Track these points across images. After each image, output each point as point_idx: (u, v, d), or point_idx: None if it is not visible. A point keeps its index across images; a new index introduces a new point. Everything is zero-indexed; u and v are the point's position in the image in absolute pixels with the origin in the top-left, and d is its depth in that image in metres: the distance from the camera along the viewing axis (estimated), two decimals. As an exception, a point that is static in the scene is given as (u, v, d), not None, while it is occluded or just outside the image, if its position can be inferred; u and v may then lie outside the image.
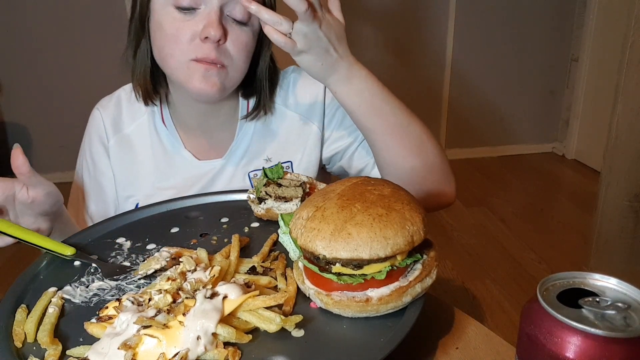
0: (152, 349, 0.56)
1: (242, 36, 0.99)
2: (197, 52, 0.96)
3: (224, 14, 0.97)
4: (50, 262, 0.76)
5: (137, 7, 1.02)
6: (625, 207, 2.26)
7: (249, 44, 1.01)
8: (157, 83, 1.10)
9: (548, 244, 3.07)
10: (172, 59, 0.99)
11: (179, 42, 0.96)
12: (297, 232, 0.64)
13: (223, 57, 0.98)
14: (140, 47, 1.06)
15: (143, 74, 1.07)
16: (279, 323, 0.58)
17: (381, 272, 0.61)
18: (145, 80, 1.08)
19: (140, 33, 1.04)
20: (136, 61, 1.07)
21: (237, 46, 0.99)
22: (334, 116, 1.15)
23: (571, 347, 0.45)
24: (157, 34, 0.99)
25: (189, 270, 0.68)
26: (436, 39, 4.11)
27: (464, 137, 4.42)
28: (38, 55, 3.76)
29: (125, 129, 1.16)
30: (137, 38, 1.05)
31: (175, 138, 1.14)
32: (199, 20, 0.95)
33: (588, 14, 3.99)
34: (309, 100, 1.16)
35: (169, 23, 0.97)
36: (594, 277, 0.51)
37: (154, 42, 1.02)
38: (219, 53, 0.96)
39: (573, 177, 4.10)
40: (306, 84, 1.16)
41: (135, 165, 1.15)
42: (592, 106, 4.09)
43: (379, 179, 0.70)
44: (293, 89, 1.17)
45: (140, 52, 1.06)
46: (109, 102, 1.19)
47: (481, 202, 3.61)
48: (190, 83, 0.98)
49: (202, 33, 0.95)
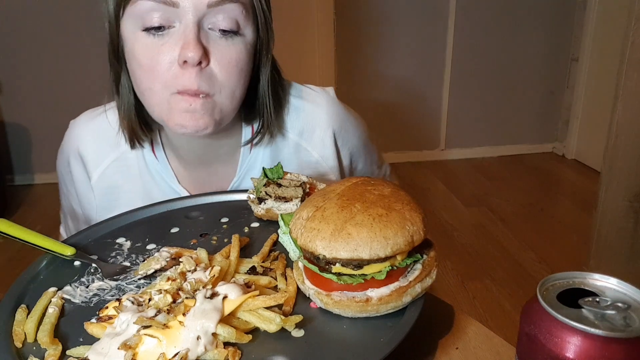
0: (152, 349, 0.56)
1: (230, 52, 0.84)
2: (176, 84, 0.82)
3: (203, 29, 0.82)
4: (50, 262, 0.76)
5: (108, 37, 0.89)
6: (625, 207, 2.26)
7: (240, 60, 0.86)
8: (145, 120, 0.96)
9: (548, 244, 3.07)
10: (151, 94, 0.85)
11: (156, 73, 0.82)
12: (297, 232, 0.64)
13: (206, 85, 0.83)
14: (121, 82, 0.92)
15: (127, 113, 0.93)
16: (279, 323, 0.58)
17: (381, 272, 0.61)
18: (130, 119, 0.93)
19: (116, 67, 0.91)
20: (119, 99, 0.94)
21: (225, 66, 0.84)
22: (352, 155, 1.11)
23: (571, 347, 0.45)
24: (133, 66, 0.86)
25: (189, 270, 0.68)
26: (436, 39, 4.11)
27: (464, 137, 4.42)
28: (38, 55, 3.76)
29: (108, 158, 1.01)
30: (115, 72, 0.92)
31: (167, 172, 1.00)
32: (175, 42, 0.81)
33: (588, 14, 3.99)
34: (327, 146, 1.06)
35: (141, 51, 0.83)
36: (594, 277, 0.51)
37: (131, 75, 0.88)
38: (203, 80, 0.82)
39: (573, 177, 4.11)
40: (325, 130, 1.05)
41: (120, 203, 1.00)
42: (592, 106, 4.09)
43: (379, 179, 0.70)
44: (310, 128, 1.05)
45: (122, 87, 0.92)
46: (90, 124, 1.02)
47: (481, 202, 3.61)
48: (170, 120, 0.85)
49: (179, 57, 0.80)
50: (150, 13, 0.80)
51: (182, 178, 1.02)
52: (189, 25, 0.80)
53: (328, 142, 1.06)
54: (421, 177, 4.03)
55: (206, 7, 0.80)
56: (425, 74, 4.20)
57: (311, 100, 1.06)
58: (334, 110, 1.07)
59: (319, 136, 1.06)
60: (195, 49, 0.79)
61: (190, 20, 0.80)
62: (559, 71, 4.32)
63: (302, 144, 1.05)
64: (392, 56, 4.11)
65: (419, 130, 4.31)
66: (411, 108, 4.22)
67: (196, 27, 0.81)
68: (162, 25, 0.81)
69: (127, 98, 0.93)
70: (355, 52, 3.98)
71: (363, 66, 4.06)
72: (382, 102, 4.11)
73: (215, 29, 0.83)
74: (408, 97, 4.21)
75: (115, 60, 0.90)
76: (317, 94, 1.08)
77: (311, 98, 1.07)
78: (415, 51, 4.13)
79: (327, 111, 1.06)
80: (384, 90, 4.14)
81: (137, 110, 0.94)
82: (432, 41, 4.12)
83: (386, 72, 4.13)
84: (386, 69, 4.12)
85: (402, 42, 4.08)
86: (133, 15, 0.82)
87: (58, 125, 1.03)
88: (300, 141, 1.05)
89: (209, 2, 0.80)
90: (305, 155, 1.06)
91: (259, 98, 0.96)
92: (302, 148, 1.05)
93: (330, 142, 1.06)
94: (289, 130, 1.04)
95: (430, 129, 4.35)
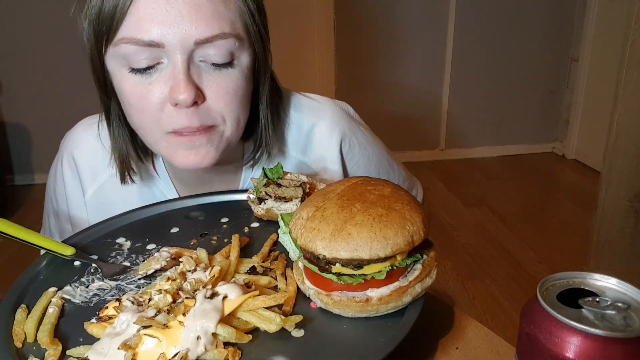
0: (152, 349, 0.56)
1: (228, 83, 0.79)
2: (173, 124, 0.77)
3: (194, 63, 0.76)
4: (50, 262, 0.76)
5: (91, 69, 0.82)
6: (625, 207, 2.26)
7: (239, 90, 0.80)
8: (143, 146, 0.90)
9: (548, 244, 3.07)
10: (145, 133, 0.81)
11: (147, 114, 0.78)
12: (297, 232, 0.64)
13: (210, 119, 0.79)
14: (111, 114, 0.86)
15: (119, 145, 0.88)
16: (279, 323, 0.58)
17: (381, 272, 0.61)
18: (122, 153, 0.88)
19: (105, 100, 0.85)
20: (111, 129, 0.88)
21: (224, 98, 0.79)
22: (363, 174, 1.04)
23: (571, 347, 0.45)
24: (123, 101, 0.80)
25: (189, 270, 0.68)
26: (436, 39, 4.11)
27: (464, 137, 4.42)
28: (38, 55, 3.76)
29: (105, 174, 0.96)
30: (104, 104, 0.86)
31: (169, 189, 0.96)
32: (165, 81, 0.76)
33: (588, 14, 3.99)
34: (331, 161, 1.00)
35: (129, 91, 0.77)
36: (594, 277, 0.51)
37: (124, 109, 0.83)
38: (202, 116, 0.78)
39: (573, 177, 4.11)
40: (328, 145, 1.00)
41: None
42: (592, 106, 4.09)
43: (379, 179, 0.70)
44: (313, 144, 1.00)
45: (113, 119, 0.87)
46: (86, 135, 0.96)
47: (481, 202, 3.61)
48: (175, 159, 0.82)
49: (171, 99, 0.76)
50: (135, 55, 0.75)
51: (184, 194, 0.98)
52: (178, 65, 0.75)
53: (332, 157, 1.00)
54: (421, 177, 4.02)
55: (194, 44, 0.74)
56: (425, 74, 4.20)
57: (313, 113, 1.00)
58: (338, 123, 1.01)
59: (321, 153, 1.00)
60: (187, 90, 0.74)
61: (179, 59, 0.74)
62: (559, 71, 4.32)
63: (304, 160, 1.00)
64: (392, 57, 4.11)
65: (419, 130, 4.31)
66: (411, 108, 4.22)
67: (185, 64, 0.75)
68: (150, 65, 0.76)
69: (118, 129, 0.88)
70: (356, 52, 3.98)
71: (363, 67, 4.06)
72: (382, 102, 4.11)
73: (208, 62, 0.77)
74: (408, 97, 4.21)
75: (103, 94, 0.85)
76: (321, 105, 1.02)
77: (314, 111, 1.00)
78: (415, 51, 4.13)
79: (329, 123, 1.00)
80: (384, 90, 4.14)
81: (132, 137, 0.88)
82: (432, 41, 4.12)
83: (386, 73, 4.13)
84: (386, 69, 4.12)
85: (402, 42, 4.08)
86: (117, 56, 0.77)
87: (58, 126, 1.03)
88: (303, 158, 1.00)
89: (196, 40, 0.74)
90: (308, 172, 1.00)
91: (259, 118, 0.91)
92: (305, 165, 1.00)
93: (335, 158, 1.00)
94: (290, 148, 0.99)
95: (430, 129, 4.35)
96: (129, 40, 0.74)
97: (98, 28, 0.76)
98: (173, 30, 0.73)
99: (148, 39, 0.73)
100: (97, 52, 0.79)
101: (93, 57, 0.80)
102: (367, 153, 1.06)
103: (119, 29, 0.74)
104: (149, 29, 0.73)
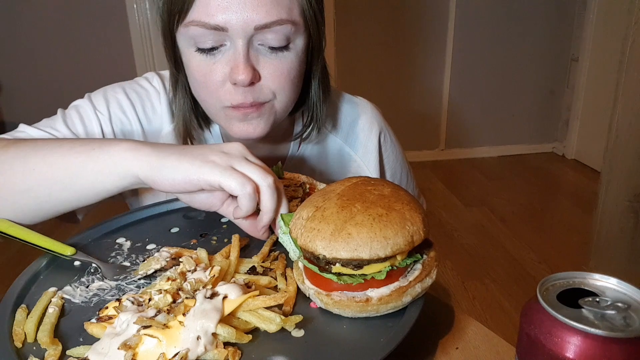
0: (152, 349, 0.56)
1: (283, 65, 0.86)
2: (230, 99, 0.86)
3: (253, 46, 0.84)
4: (50, 262, 0.76)
5: (163, 43, 0.92)
6: (625, 207, 2.26)
7: (292, 71, 0.88)
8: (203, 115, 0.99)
9: (548, 244, 3.07)
10: (207, 105, 0.91)
11: (209, 90, 0.87)
12: (297, 232, 0.64)
13: (262, 96, 0.87)
14: (179, 84, 0.96)
15: (182, 112, 0.97)
16: (279, 323, 0.58)
17: (381, 272, 0.61)
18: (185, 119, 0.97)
19: (174, 71, 0.95)
20: (175, 99, 0.97)
21: (278, 78, 0.86)
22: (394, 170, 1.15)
23: (571, 347, 0.45)
24: (189, 76, 0.90)
25: (189, 270, 0.68)
26: (436, 39, 4.12)
27: (464, 137, 4.42)
28: (38, 55, 3.76)
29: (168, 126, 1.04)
30: (172, 75, 0.96)
31: None
32: (226, 62, 0.84)
33: (588, 14, 3.99)
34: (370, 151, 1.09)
35: (195, 68, 0.87)
36: (594, 277, 0.51)
37: (189, 82, 0.92)
38: (256, 94, 0.86)
39: (573, 177, 4.11)
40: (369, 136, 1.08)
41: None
42: (592, 106, 4.10)
43: (378, 179, 0.70)
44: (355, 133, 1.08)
45: (179, 89, 0.96)
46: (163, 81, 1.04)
47: (481, 202, 3.61)
48: (230, 129, 0.90)
49: (230, 78, 0.84)
50: (202, 37, 0.83)
51: None
52: (238, 48, 0.82)
53: (371, 147, 1.09)
54: (421, 177, 4.03)
55: (253, 29, 0.81)
56: (425, 73, 4.20)
57: (356, 106, 1.10)
58: (377, 118, 1.11)
59: (362, 142, 1.09)
60: (245, 71, 0.82)
61: (240, 43, 0.82)
62: (559, 71, 4.33)
63: (345, 148, 1.09)
64: (393, 56, 4.11)
65: (419, 130, 4.31)
66: (411, 108, 4.23)
67: (245, 48, 0.83)
68: (214, 46, 0.84)
69: (184, 99, 0.96)
70: (356, 52, 3.98)
71: (363, 66, 4.06)
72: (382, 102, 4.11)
73: (265, 45, 0.84)
74: (408, 97, 4.22)
75: (173, 66, 0.93)
76: (361, 100, 1.12)
77: (356, 105, 1.10)
78: (415, 51, 4.13)
79: (370, 118, 1.09)
80: (384, 90, 4.14)
81: (194, 106, 0.97)
82: (432, 41, 4.12)
83: (386, 72, 4.13)
84: (386, 69, 4.12)
85: (402, 41, 4.09)
86: (186, 36, 0.85)
87: (58, 125, 1.03)
88: (344, 145, 1.09)
89: (255, 25, 0.81)
90: (348, 159, 1.08)
91: (310, 94, 0.98)
92: (346, 152, 1.09)
93: (373, 148, 1.09)
94: (335, 132, 1.08)
95: (430, 129, 4.35)
96: (197, 23, 0.82)
97: (171, 7, 0.84)
98: (236, 16, 0.80)
99: (214, 23, 0.80)
100: (170, 29, 0.88)
101: (165, 33, 0.89)
102: (395, 150, 1.16)
103: (189, 11, 0.82)
104: (215, 13, 0.80)
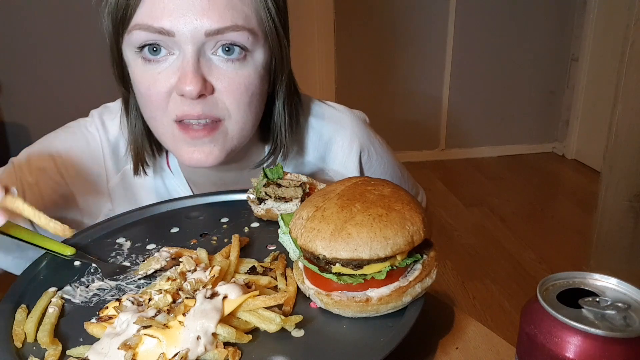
0: (152, 349, 0.56)
1: (239, 78, 0.77)
2: (176, 110, 0.77)
3: (205, 56, 0.76)
4: (50, 262, 0.76)
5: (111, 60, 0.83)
6: (625, 207, 2.26)
7: (250, 86, 0.79)
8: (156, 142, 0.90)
9: (548, 244, 3.07)
10: (155, 123, 0.82)
11: (153, 103, 0.78)
12: (297, 232, 0.64)
13: (215, 110, 0.78)
14: (129, 105, 0.87)
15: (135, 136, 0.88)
16: (279, 323, 0.58)
17: (381, 272, 0.61)
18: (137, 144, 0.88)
19: (123, 90, 0.86)
20: (128, 121, 0.89)
21: (233, 93, 0.78)
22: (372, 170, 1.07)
23: (571, 347, 0.45)
24: (135, 92, 0.81)
25: (189, 270, 0.68)
26: (436, 39, 4.11)
27: (464, 137, 4.42)
28: (38, 55, 3.76)
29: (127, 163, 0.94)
30: (123, 96, 0.88)
31: (182, 186, 0.95)
32: (173, 72, 0.76)
33: (588, 14, 3.99)
34: (350, 171, 1.00)
35: (139, 79, 0.78)
36: (594, 277, 0.51)
37: (137, 100, 0.83)
38: (207, 107, 0.77)
39: (573, 177, 4.11)
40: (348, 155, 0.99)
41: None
42: (592, 106, 4.09)
43: (378, 179, 0.70)
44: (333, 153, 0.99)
45: (131, 110, 0.88)
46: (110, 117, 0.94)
47: (481, 202, 3.61)
48: (180, 155, 0.82)
49: (177, 89, 0.76)
50: (146, 43, 0.76)
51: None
52: (187, 55, 0.75)
53: (352, 166, 1.00)
54: (421, 177, 4.03)
55: (204, 35, 0.74)
56: (425, 73, 4.20)
57: (334, 122, 1.00)
58: (358, 133, 1.01)
59: (341, 161, 1.00)
60: (193, 81, 0.74)
61: (188, 49, 0.74)
62: (559, 71, 4.32)
63: (323, 168, 1.01)
64: (393, 56, 4.11)
65: (419, 130, 4.31)
66: (411, 108, 4.22)
67: (195, 56, 0.75)
68: (160, 54, 0.76)
69: (135, 121, 0.88)
70: (356, 52, 3.98)
71: (363, 67, 4.06)
72: (382, 102, 4.11)
73: (219, 55, 0.77)
74: (408, 97, 4.21)
75: (121, 84, 0.86)
76: (341, 114, 1.02)
77: (334, 120, 1.00)
78: (415, 51, 4.13)
79: (350, 135, 1.00)
80: (384, 90, 4.14)
81: (147, 131, 0.88)
82: (432, 41, 4.12)
83: (386, 73, 4.13)
84: (386, 69, 4.12)
85: (402, 41, 4.08)
86: (130, 45, 0.78)
87: (58, 126, 1.03)
88: (322, 165, 1.00)
89: (206, 31, 0.73)
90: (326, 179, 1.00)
91: (274, 118, 0.90)
92: (323, 173, 1.00)
93: (354, 167, 1.00)
94: (309, 154, 0.99)
95: (430, 129, 4.35)
96: (140, 26, 0.75)
97: (115, 16, 0.77)
98: (184, 19, 0.73)
99: (159, 26, 0.73)
100: (115, 42, 0.80)
101: (112, 48, 0.82)
102: (383, 162, 1.08)
103: (133, 16, 0.75)
104: (160, 16, 0.73)
